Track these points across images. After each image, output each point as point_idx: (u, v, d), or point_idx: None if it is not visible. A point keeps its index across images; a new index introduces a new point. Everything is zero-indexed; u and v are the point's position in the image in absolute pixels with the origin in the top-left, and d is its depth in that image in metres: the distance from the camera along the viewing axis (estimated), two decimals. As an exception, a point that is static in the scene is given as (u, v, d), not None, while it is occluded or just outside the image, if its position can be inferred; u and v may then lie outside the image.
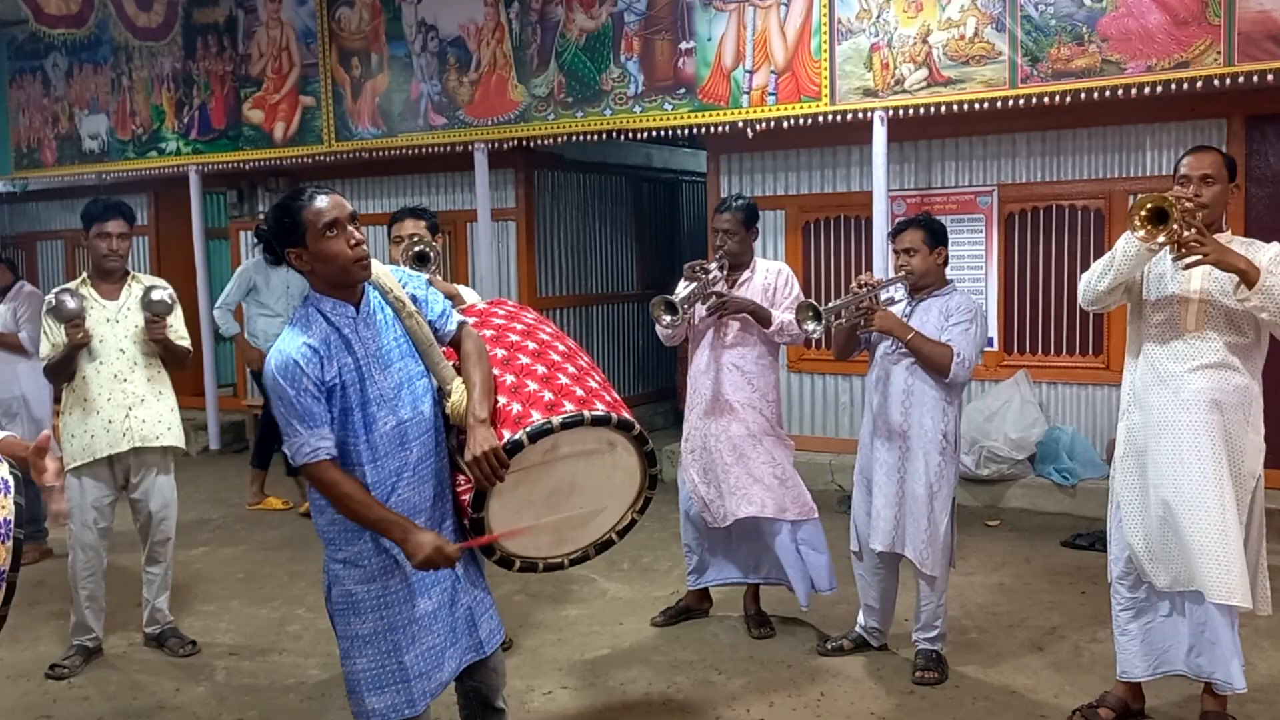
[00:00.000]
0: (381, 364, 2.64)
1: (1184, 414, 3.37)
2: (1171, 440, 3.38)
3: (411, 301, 2.72)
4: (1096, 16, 5.86)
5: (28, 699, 4.16)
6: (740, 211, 4.47)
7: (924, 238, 4.01)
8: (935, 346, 3.91)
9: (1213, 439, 3.33)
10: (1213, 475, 3.33)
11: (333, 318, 2.61)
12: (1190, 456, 3.35)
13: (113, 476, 4.44)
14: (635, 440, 2.85)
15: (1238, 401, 3.36)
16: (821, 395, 7.64)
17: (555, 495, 2.80)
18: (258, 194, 9.86)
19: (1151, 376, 3.46)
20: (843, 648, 4.32)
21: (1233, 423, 3.35)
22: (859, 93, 6.51)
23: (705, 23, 6.95)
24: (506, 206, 8.68)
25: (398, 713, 2.70)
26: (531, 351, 2.89)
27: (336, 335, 2.60)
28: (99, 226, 4.38)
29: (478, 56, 7.77)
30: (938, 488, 4.00)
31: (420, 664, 2.70)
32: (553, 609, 5.02)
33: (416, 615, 2.70)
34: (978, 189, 7.02)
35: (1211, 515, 3.31)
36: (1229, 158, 3.48)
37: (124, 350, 4.39)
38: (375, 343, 2.64)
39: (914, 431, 4.00)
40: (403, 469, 2.66)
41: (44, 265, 11.42)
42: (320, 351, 2.56)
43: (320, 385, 2.56)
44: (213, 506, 7.33)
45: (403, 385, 2.66)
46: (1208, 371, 3.36)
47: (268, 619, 5.02)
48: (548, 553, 2.88)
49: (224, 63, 8.96)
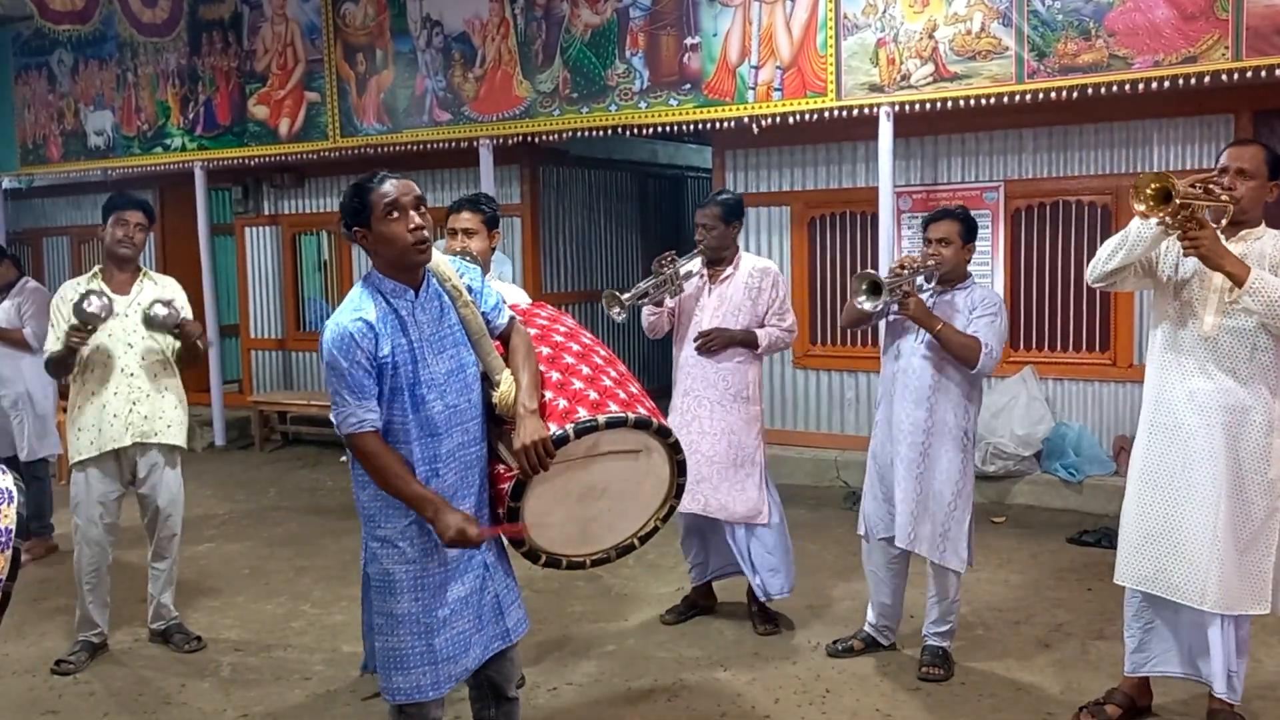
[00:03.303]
0: (435, 349, 2.71)
1: (1197, 417, 3.29)
2: (1183, 444, 3.33)
3: (467, 291, 2.79)
4: (1103, 11, 5.84)
5: (34, 694, 4.17)
6: (719, 206, 4.44)
7: (960, 230, 3.98)
8: (965, 339, 3.87)
9: (1227, 445, 3.25)
10: (1213, 483, 3.25)
11: (391, 299, 2.68)
12: (1199, 462, 3.29)
13: (119, 471, 4.44)
14: (670, 448, 2.89)
15: (1255, 405, 3.26)
16: (827, 391, 7.62)
17: (588, 494, 2.84)
18: (263, 190, 9.88)
19: (1168, 376, 3.38)
20: (853, 648, 4.29)
21: (1252, 428, 3.26)
22: (865, 88, 6.49)
23: (711, 18, 6.94)
24: (511, 203, 8.68)
25: (421, 694, 2.74)
26: (575, 353, 2.95)
27: (393, 315, 2.67)
28: (119, 214, 4.38)
29: (483, 52, 7.76)
30: (961, 485, 3.99)
31: (449, 648, 2.75)
32: (558, 605, 5.02)
33: (449, 600, 2.75)
34: (984, 185, 7.00)
35: (1206, 524, 3.26)
36: (1273, 153, 3.35)
37: (131, 345, 4.38)
38: (431, 328, 2.71)
39: (937, 428, 3.97)
40: (447, 453, 2.72)
41: (50, 261, 11.44)
42: (376, 328, 2.63)
43: (372, 360, 2.62)
44: (218, 502, 7.34)
45: (453, 372, 2.73)
46: (1224, 375, 3.27)
47: (273, 615, 5.02)
48: (572, 550, 2.90)
49: (229, 58, 8.96)
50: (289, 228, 9.89)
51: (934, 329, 3.87)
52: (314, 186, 9.69)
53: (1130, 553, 3.47)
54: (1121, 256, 3.34)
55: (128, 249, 4.41)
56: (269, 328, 10.09)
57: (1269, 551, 3.31)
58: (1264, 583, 3.32)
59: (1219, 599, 3.27)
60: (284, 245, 9.92)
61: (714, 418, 4.43)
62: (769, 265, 4.56)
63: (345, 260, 9.54)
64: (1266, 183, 3.31)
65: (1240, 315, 3.24)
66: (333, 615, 4.97)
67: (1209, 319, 3.29)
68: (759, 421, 4.51)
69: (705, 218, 4.45)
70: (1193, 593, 3.30)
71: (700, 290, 4.51)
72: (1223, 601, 3.27)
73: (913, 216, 7.10)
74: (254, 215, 9.98)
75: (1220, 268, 3.16)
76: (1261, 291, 3.12)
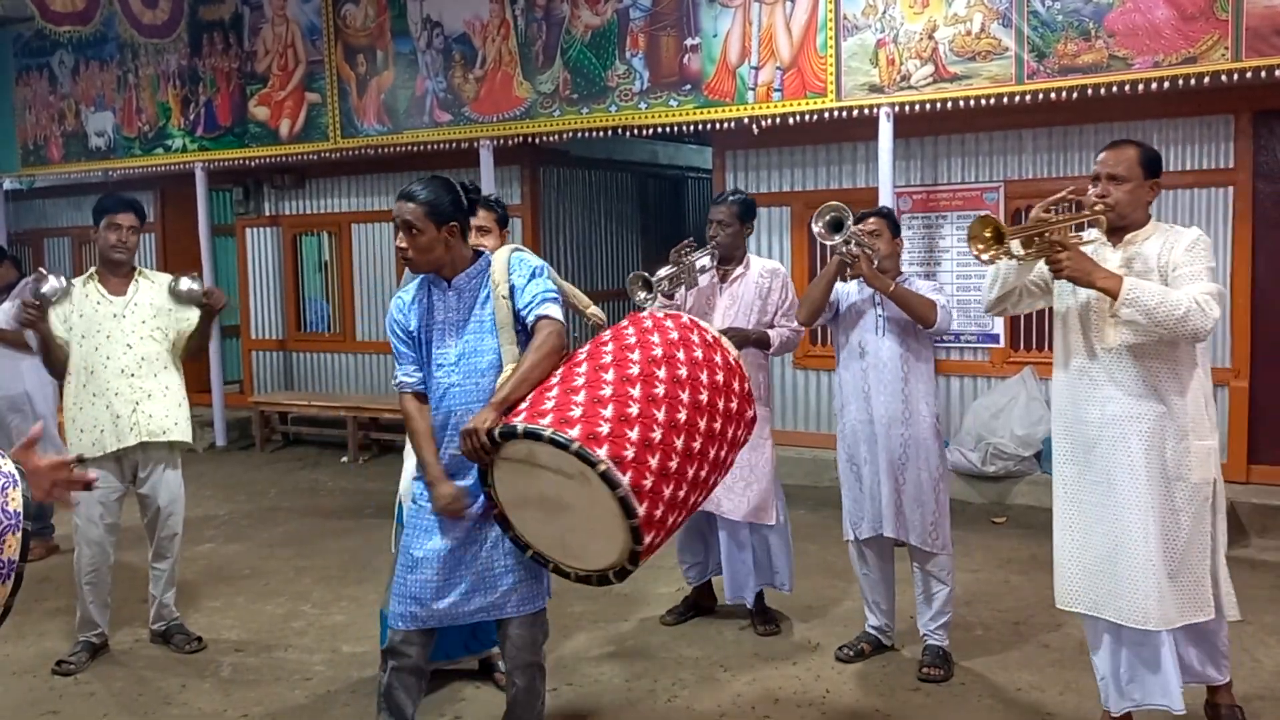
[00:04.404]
0: (454, 332, 3.05)
1: (1113, 430, 3.17)
2: (1102, 459, 3.20)
3: (508, 286, 3.03)
4: (1103, 12, 5.84)
5: (34, 694, 4.17)
6: (736, 205, 4.46)
7: (887, 225, 4.12)
8: (918, 295, 3.97)
9: (1146, 456, 3.13)
10: (1137, 497, 3.14)
11: (431, 285, 3.11)
12: (1121, 476, 3.16)
13: (120, 472, 4.44)
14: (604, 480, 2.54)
15: (1168, 411, 3.13)
16: (826, 392, 7.62)
17: (550, 505, 2.77)
18: (264, 191, 9.89)
19: (1078, 391, 3.26)
20: (863, 651, 4.28)
21: (1169, 434, 3.13)
22: (865, 89, 6.49)
23: (711, 19, 6.94)
24: (512, 203, 8.68)
25: (398, 621, 3.11)
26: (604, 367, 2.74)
27: (426, 298, 3.10)
28: (110, 218, 4.39)
29: (483, 53, 7.77)
30: (941, 470, 4.07)
31: (415, 588, 3.06)
32: (558, 606, 5.01)
33: (426, 546, 3.06)
34: (984, 185, 7.00)
35: (1138, 541, 3.13)
36: (1149, 152, 3.23)
37: (131, 345, 4.38)
38: (457, 313, 3.06)
39: (914, 418, 4.04)
40: (453, 426, 3.01)
41: (51, 262, 11.44)
42: (408, 306, 3.11)
43: (405, 332, 3.10)
44: (219, 503, 7.34)
45: (465, 355, 3.03)
46: (1134, 383, 3.14)
47: (273, 615, 5.02)
48: (549, 550, 2.88)
49: (229, 59, 8.98)
50: (290, 228, 9.89)
51: (887, 289, 3.94)
52: (315, 187, 9.69)
53: (1066, 577, 3.34)
54: (999, 287, 3.33)
55: (122, 254, 4.42)
56: (270, 328, 10.10)
57: (1204, 555, 3.20)
58: (1203, 588, 3.19)
59: (1161, 616, 3.13)
60: (285, 246, 9.92)
61: None
62: (778, 266, 4.60)
63: (346, 261, 9.55)
64: (1144, 183, 3.18)
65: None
66: (333, 616, 4.97)
67: (1110, 331, 3.16)
68: (768, 423, 4.52)
69: (720, 214, 4.46)
70: (1135, 614, 3.17)
71: (711, 290, 4.51)
72: (1165, 617, 3.14)
73: (913, 217, 7.11)
74: (255, 216, 9.99)
75: (1091, 285, 3.05)
76: (1137, 302, 2.97)
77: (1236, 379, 6.33)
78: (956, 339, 7.03)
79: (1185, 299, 2.98)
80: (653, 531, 2.62)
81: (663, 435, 2.62)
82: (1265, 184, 6.27)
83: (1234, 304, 6.28)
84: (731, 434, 2.86)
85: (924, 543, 4.05)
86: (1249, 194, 6.23)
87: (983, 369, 7.02)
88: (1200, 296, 2.99)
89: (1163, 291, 3.01)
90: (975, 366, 7.09)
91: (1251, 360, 6.31)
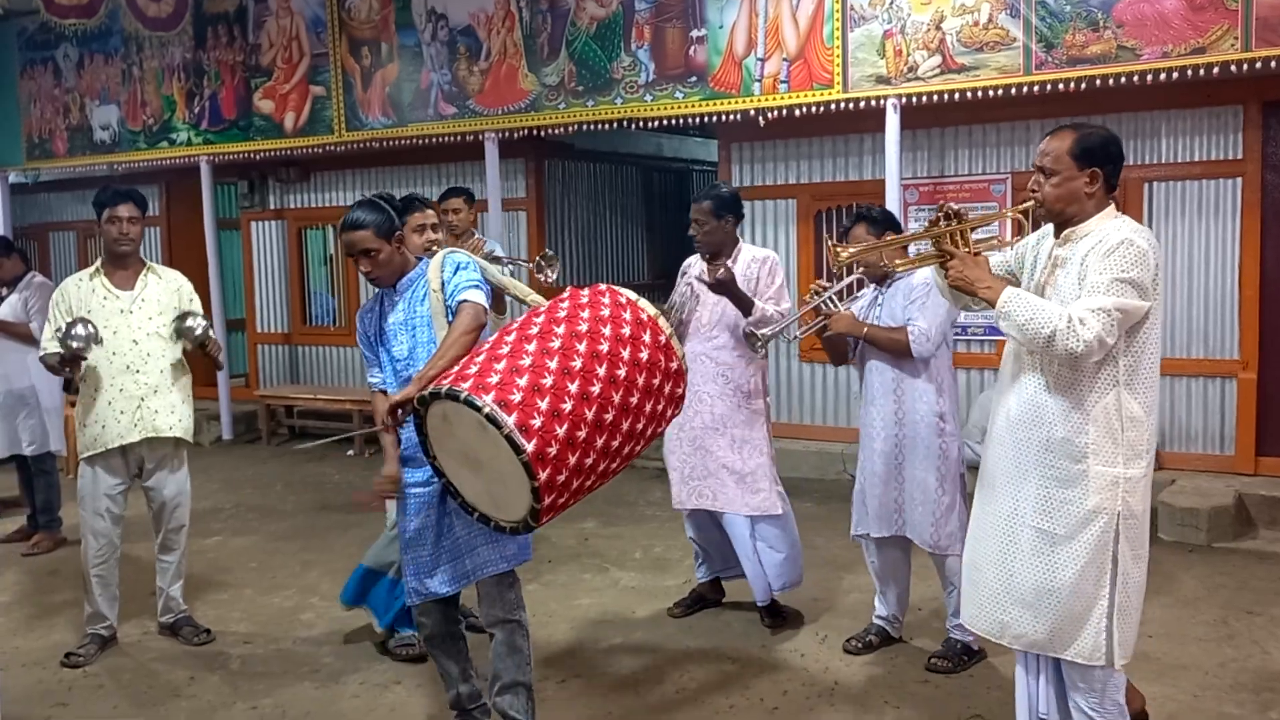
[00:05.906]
0: (405, 331, 3.38)
1: (1008, 435, 2.99)
2: (995, 462, 3.05)
3: (440, 282, 3.33)
4: (1111, 2, 5.81)
5: (43, 687, 4.18)
6: (711, 201, 4.39)
7: (867, 229, 4.10)
8: (888, 333, 4.03)
9: (1038, 468, 2.90)
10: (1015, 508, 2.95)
11: (382, 295, 3.49)
12: (1003, 484, 2.99)
13: (125, 465, 4.45)
14: (489, 421, 2.72)
15: (1061, 429, 2.86)
16: (833, 385, 7.61)
17: (470, 461, 2.96)
18: (269, 184, 9.89)
19: (998, 388, 3.11)
20: (871, 644, 4.28)
21: (1053, 451, 2.87)
22: (872, 80, 6.47)
23: (717, 10, 6.92)
24: (517, 196, 8.68)
25: (409, 595, 3.47)
26: (530, 337, 2.96)
27: (379, 305, 3.48)
28: (110, 211, 4.38)
29: (488, 45, 7.75)
30: (944, 469, 4.03)
31: (412, 565, 3.41)
32: (566, 598, 5.02)
33: (410, 527, 3.42)
34: (992, 177, 6.98)
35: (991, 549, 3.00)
36: (1087, 140, 2.89)
37: (137, 341, 4.38)
38: (404, 314, 3.39)
39: (908, 418, 4.05)
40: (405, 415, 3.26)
41: (56, 256, 11.46)
42: (366, 313, 3.51)
43: (368, 339, 3.49)
44: (225, 496, 7.35)
45: (413, 348, 3.36)
46: (1031, 391, 2.93)
47: (281, 608, 5.03)
48: (483, 506, 3.02)
49: (234, 52, 8.96)
50: (295, 222, 9.89)
51: (861, 334, 4.07)
52: (319, 180, 9.69)
53: (967, 589, 3.15)
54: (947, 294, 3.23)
55: (126, 246, 4.42)
56: (275, 322, 10.10)
57: (1101, 593, 2.85)
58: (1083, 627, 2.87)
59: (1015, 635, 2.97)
60: (290, 239, 9.92)
61: (715, 412, 4.43)
62: (768, 254, 4.52)
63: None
64: (1077, 174, 2.87)
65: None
66: (340, 608, 4.97)
67: (1009, 341, 3.02)
68: (764, 415, 4.51)
69: (696, 213, 4.41)
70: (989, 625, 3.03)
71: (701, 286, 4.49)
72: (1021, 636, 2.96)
73: (920, 209, 7.09)
74: (260, 209, 9.99)
75: (974, 294, 2.92)
76: (1009, 316, 2.78)
77: (1244, 371, 6.30)
78: (963, 331, 7.01)
79: (1056, 318, 2.72)
80: (554, 494, 2.81)
81: (573, 406, 2.82)
82: (1274, 175, 6.25)
83: (1242, 296, 6.26)
84: (650, 408, 3.03)
85: (931, 544, 4.03)
86: (1258, 185, 6.20)
87: (989, 361, 7.00)
88: (1082, 313, 2.71)
89: (1036, 307, 2.77)
90: (981, 359, 7.07)
91: (1260, 352, 6.28)
